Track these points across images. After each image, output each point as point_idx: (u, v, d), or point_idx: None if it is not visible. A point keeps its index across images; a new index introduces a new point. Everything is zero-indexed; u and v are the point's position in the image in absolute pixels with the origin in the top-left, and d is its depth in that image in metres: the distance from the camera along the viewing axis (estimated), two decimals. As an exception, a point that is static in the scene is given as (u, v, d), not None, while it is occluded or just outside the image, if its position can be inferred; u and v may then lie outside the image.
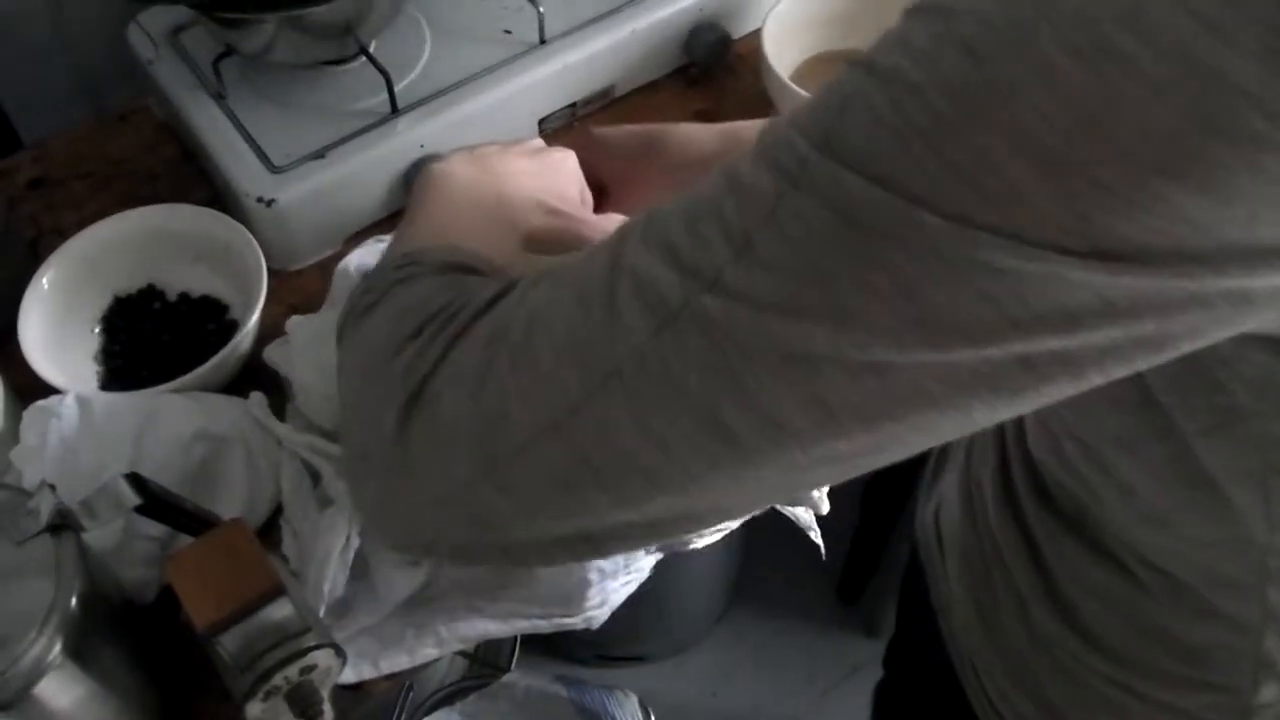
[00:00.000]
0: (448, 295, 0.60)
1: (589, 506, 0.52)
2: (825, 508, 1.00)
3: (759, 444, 0.47)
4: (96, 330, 1.02)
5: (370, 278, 0.68)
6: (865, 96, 0.42)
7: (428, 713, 1.46)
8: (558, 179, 0.83)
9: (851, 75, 0.44)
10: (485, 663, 1.51)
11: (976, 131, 0.40)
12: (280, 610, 0.72)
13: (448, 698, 1.48)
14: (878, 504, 1.71)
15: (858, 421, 0.46)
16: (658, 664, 1.78)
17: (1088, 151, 0.38)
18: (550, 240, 0.81)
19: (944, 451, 0.94)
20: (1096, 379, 0.44)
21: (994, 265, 0.41)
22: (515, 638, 0.91)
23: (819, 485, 0.49)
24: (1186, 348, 0.44)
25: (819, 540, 1.02)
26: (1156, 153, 0.38)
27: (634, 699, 1.48)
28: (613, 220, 0.88)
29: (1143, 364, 0.44)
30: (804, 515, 1.01)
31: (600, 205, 0.92)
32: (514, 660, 1.48)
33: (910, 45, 0.42)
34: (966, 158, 0.40)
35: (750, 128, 0.90)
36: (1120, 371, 0.44)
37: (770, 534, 0.96)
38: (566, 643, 1.77)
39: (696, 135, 0.90)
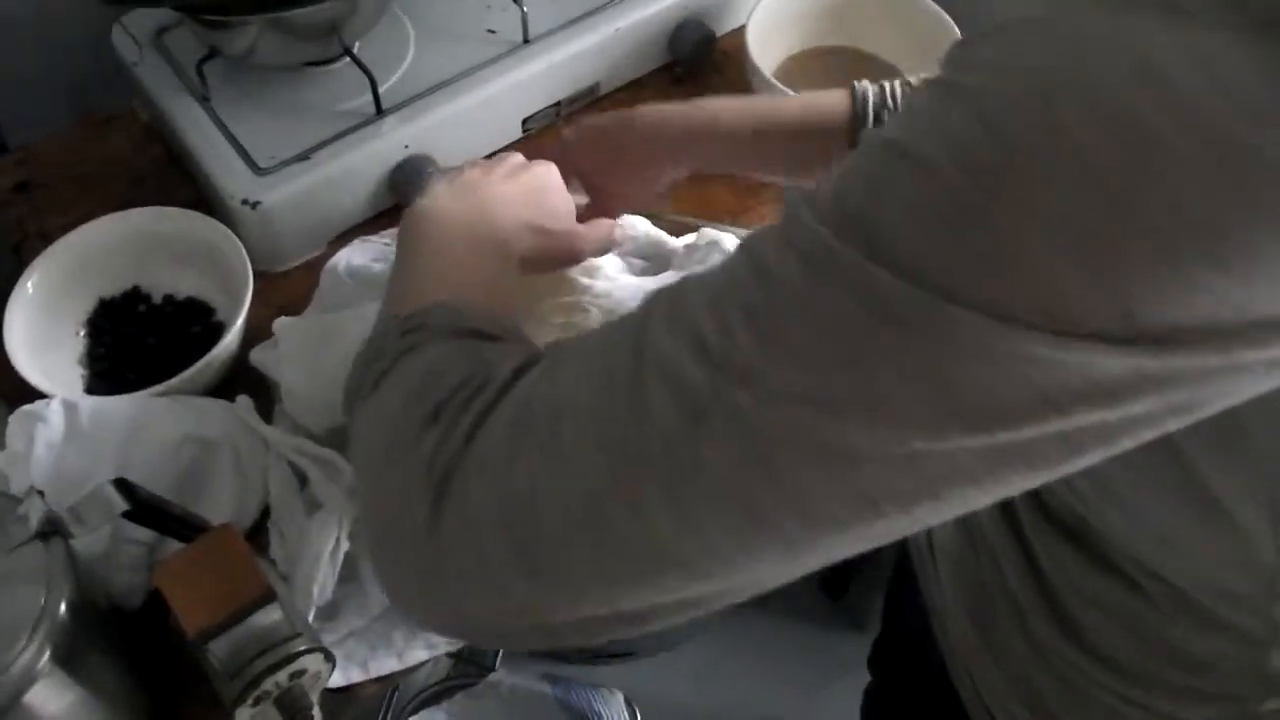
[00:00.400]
0: (463, 370, 0.58)
1: (625, 593, 0.51)
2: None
3: (797, 532, 0.46)
4: (81, 333, 1.02)
5: (375, 344, 0.66)
6: (892, 183, 0.42)
7: (413, 713, 1.46)
8: (542, 197, 0.83)
9: (877, 156, 0.43)
10: (470, 662, 1.51)
11: (1007, 218, 0.39)
12: (270, 615, 0.72)
13: (433, 697, 1.48)
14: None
15: (897, 506, 0.45)
16: (644, 660, 1.78)
17: (1122, 235, 0.38)
18: (545, 260, 0.82)
19: None
20: (1128, 444, 0.44)
21: (1032, 355, 0.40)
22: None
23: (853, 553, 0.48)
24: (1218, 408, 0.44)
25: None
26: (1194, 235, 0.38)
27: (619, 696, 1.48)
28: (602, 226, 0.88)
29: (1174, 426, 0.44)
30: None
31: (597, 200, 0.93)
32: (499, 659, 1.48)
33: (936, 126, 0.41)
34: (998, 245, 0.40)
35: (716, 105, 0.92)
36: (1151, 435, 0.44)
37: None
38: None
39: (666, 116, 0.91)
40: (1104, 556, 0.67)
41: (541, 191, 0.83)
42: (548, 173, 0.85)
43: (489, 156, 0.94)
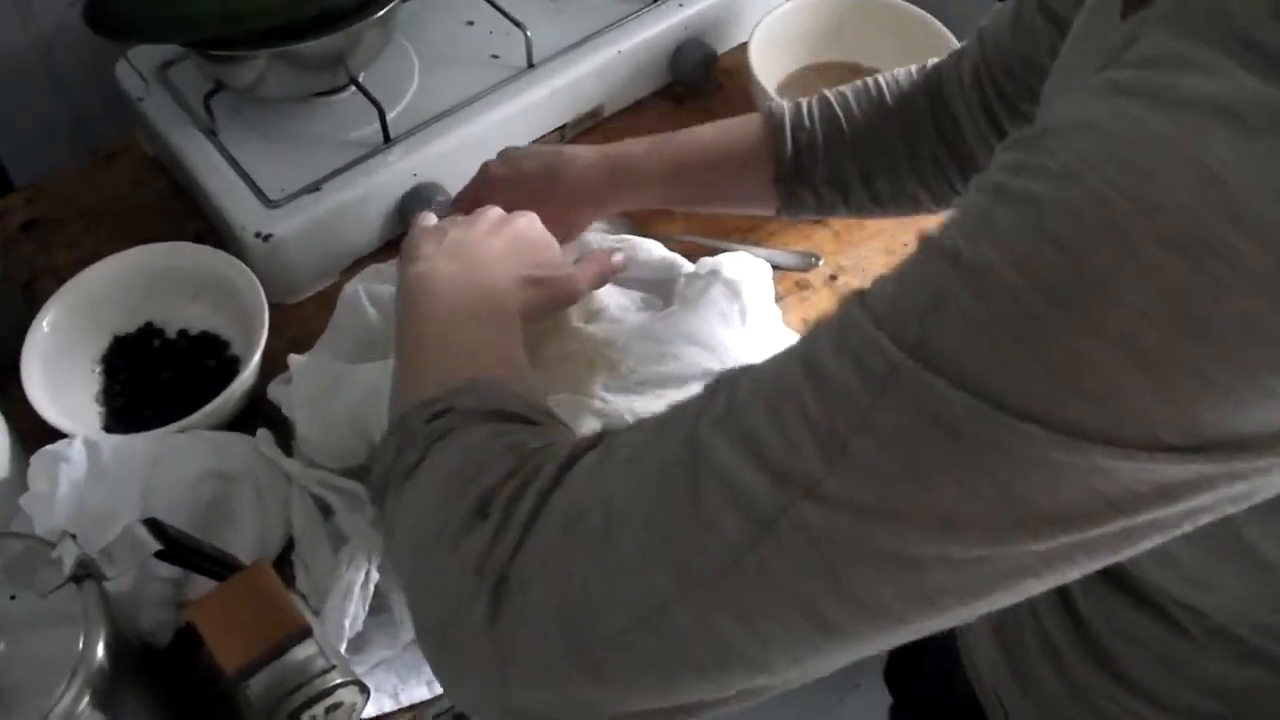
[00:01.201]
0: (505, 462, 0.58)
1: (687, 689, 0.51)
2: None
3: (860, 630, 0.47)
4: (97, 371, 1.02)
5: (401, 431, 0.65)
6: (954, 296, 0.42)
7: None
8: (530, 248, 0.84)
9: (936, 266, 0.43)
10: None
11: (1074, 333, 0.39)
12: (305, 650, 0.73)
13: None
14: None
15: (959, 602, 0.46)
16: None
17: (1191, 349, 0.38)
18: (544, 309, 0.84)
19: None
20: (1186, 529, 0.45)
21: (1098, 466, 0.41)
22: None
23: (910, 640, 0.49)
24: (1274, 493, 0.44)
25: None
26: (1265, 347, 0.38)
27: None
28: (594, 263, 0.90)
29: (1232, 510, 0.45)
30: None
31: None
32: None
33: (997, 236, 0.41)
34: (1065, 361, 0.40)
35: (637, 147, 0.93)
36: (1209, 520, 0.45)
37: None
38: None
39: (590, 164, 0.93)
40: (1138, 591, 0.67)
41: (528, 243, 0.84)
42: (530, 223, 0.86)
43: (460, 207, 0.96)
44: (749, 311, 0.95)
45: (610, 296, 0.97)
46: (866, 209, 0.93)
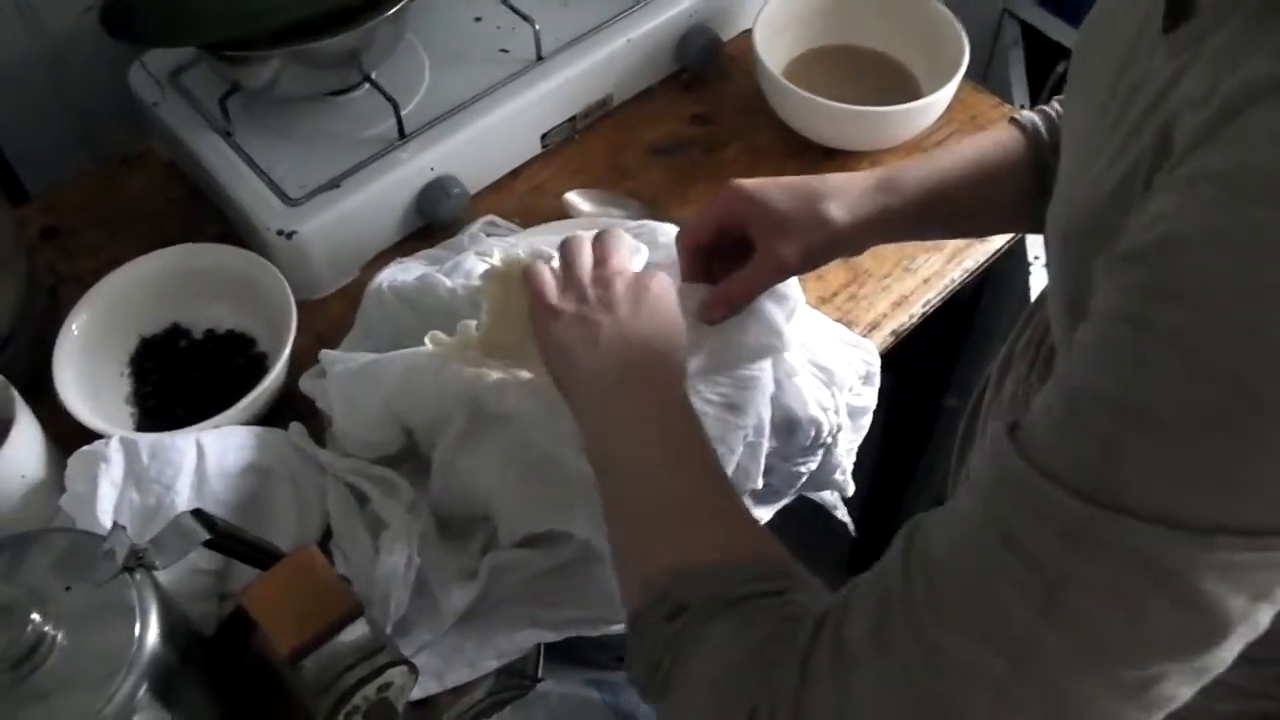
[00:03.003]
0: (758, 675, 0.57)
1: None
2: (851, 489, 1.02)
3: None
4: (126, 373, 1.03)
5: (640, 630, 0.64)
6: (1125, 443, 0.45)
7: (463, 728, 1.47)
8: (675, 317, 0.82)
9: (1096, 413, 0.47)
10: (513, 674, 1.52)
11: (1244, 451, 0.43)
12: (356, 631, 0.74)
13: (484, 712, 1.49)
14: (884, 486, 1.73)
15: (1176, 701, 0.51)
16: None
17: None
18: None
19: (967, 435, 0.96)
20: None
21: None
22: (539, 646, 0.93)
23: None
24: None
25: (846, 518, 1.05)
26: None
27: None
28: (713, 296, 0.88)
29: None
30: (829, 497, 1.03)
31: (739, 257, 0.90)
32: (540, 669, 1.49)
33: (1153, 378, 0.45)
34: (1241, 476, 0.44)
35: (890, 169, 0.89)
36: None
37: (784, 518, 0.98)
38: (588, 648, 1.78)
39: (857, 193, 0.87)
40: None
41: (672, 311, 0.81)
42: (667, 289, 0.82)
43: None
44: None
45: None
46: None
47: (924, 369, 1.38)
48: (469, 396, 0.87)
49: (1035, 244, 1.22)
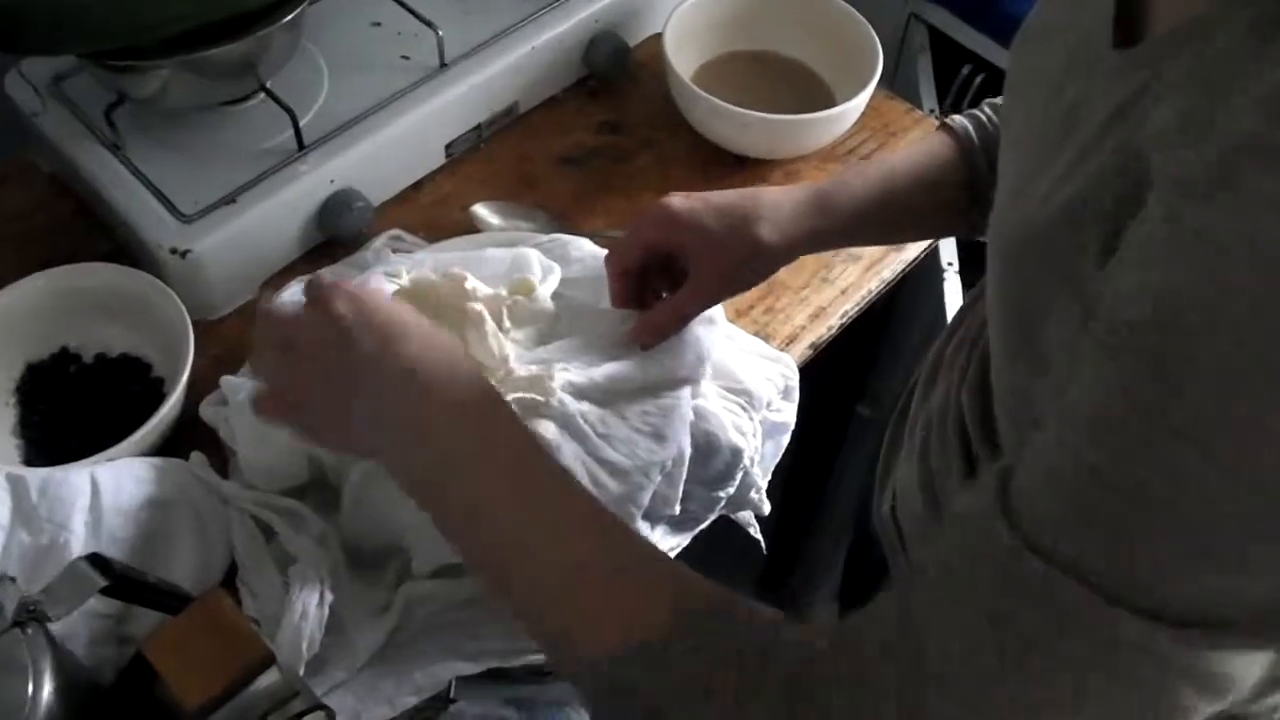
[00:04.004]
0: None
1: None
2: (766, 508, 1.01)
3: None
4: (11, 402, 0.97)
5: (602, 683, 0.60)
6: (1135, 527, 0.45)
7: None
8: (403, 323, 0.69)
9: (1088, 488, 0.46)
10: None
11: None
12: (267, 679, 0.70)
13: (394, 733, 1.46)
14: (796, 496, 1.73)
15: None
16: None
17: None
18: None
19: (893, 443, 0.96)
20: None
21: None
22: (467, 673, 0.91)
23: None
24: None
25: (759, 535, 1.04)
26: None
27: (584, 714, 1.47)
28: None
29: None
30: (744, 515, 1.02)
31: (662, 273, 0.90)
32: (453, 689, 1.46)
33: (1161, 463, 0.44)
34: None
35: (829, 181, 0.88)
36: None
37: (701, 537, 0.97)
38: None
39: (793, 205, 0.86)
40: None
41: (409, 315, 0.69)
42: (389, 307, 0.69)
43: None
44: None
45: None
46: None
47: (837, 378, 1.37)
48: None
49: (948, 251, 1.22)
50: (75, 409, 0.97)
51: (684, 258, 0.86)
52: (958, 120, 0.88)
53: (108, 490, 0.86)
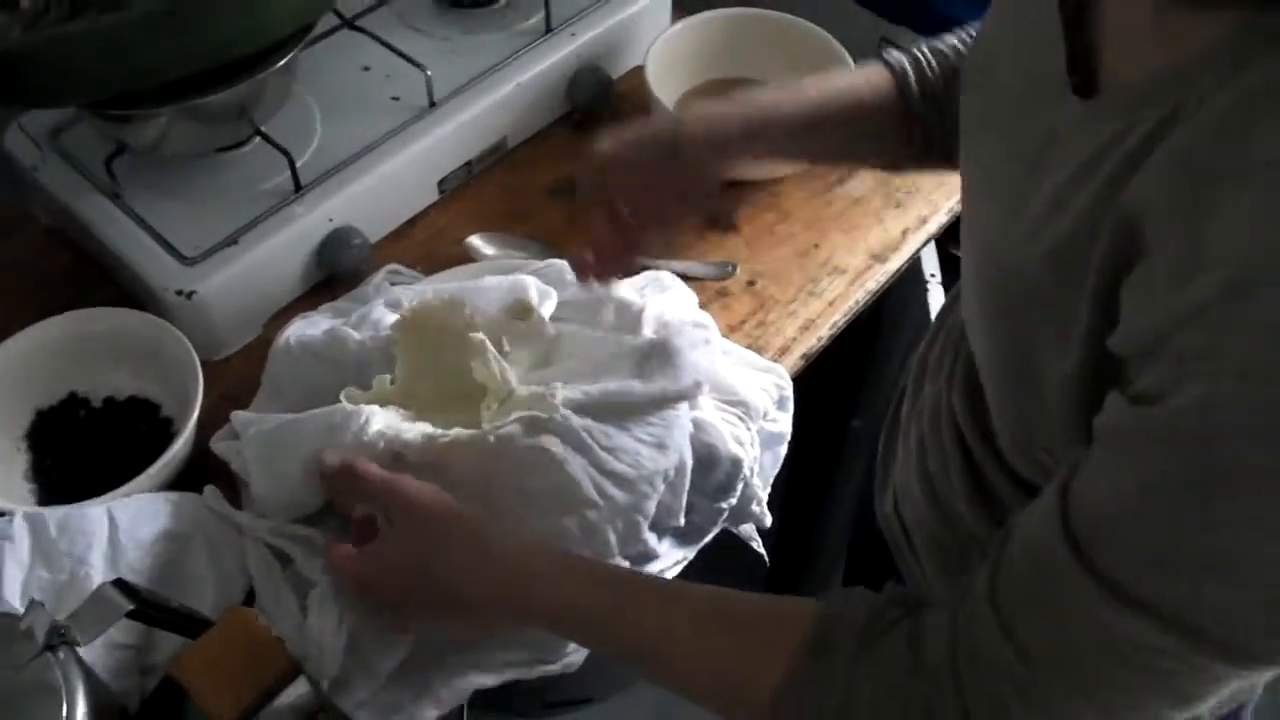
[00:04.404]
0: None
1: None
2: (768, 520, 1.03)
3: None
4: (23, 448, 0.99)
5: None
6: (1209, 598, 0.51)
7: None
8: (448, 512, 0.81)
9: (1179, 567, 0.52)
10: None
11: None
12: (296, 690, 0.72)
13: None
14: (795, 509, 1.75)
15: None
16: (602, 704, 1.78)
17: None
18: None
19: (888, 447, 0.98)
20: None
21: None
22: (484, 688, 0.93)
23: None
24: None
25: (761, 549, 1.05)
26: None
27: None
28: None
29: None
30: (746, 529, 1.04)
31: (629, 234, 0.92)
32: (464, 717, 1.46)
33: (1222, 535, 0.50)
34: None
35: (768, 94, 0.91)
36: None
37: (706, 554, 0.99)
38: (512, 697, 1.75)
39: (718, 124, 0.88)
40: None
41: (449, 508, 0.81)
42: (434, 499, 0.81)
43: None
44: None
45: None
46: None
47: (828, 393, 1.39)
48: (393, 452, 0.85)
49: (930, 263, 1.25)
50: (86, 452, 0.98)
51: (626, 201, 0.90)
52: (895, 57, 0.90)
53: (124, 524, 0.87)
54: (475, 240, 1.12)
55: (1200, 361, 0.48)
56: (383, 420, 0.86)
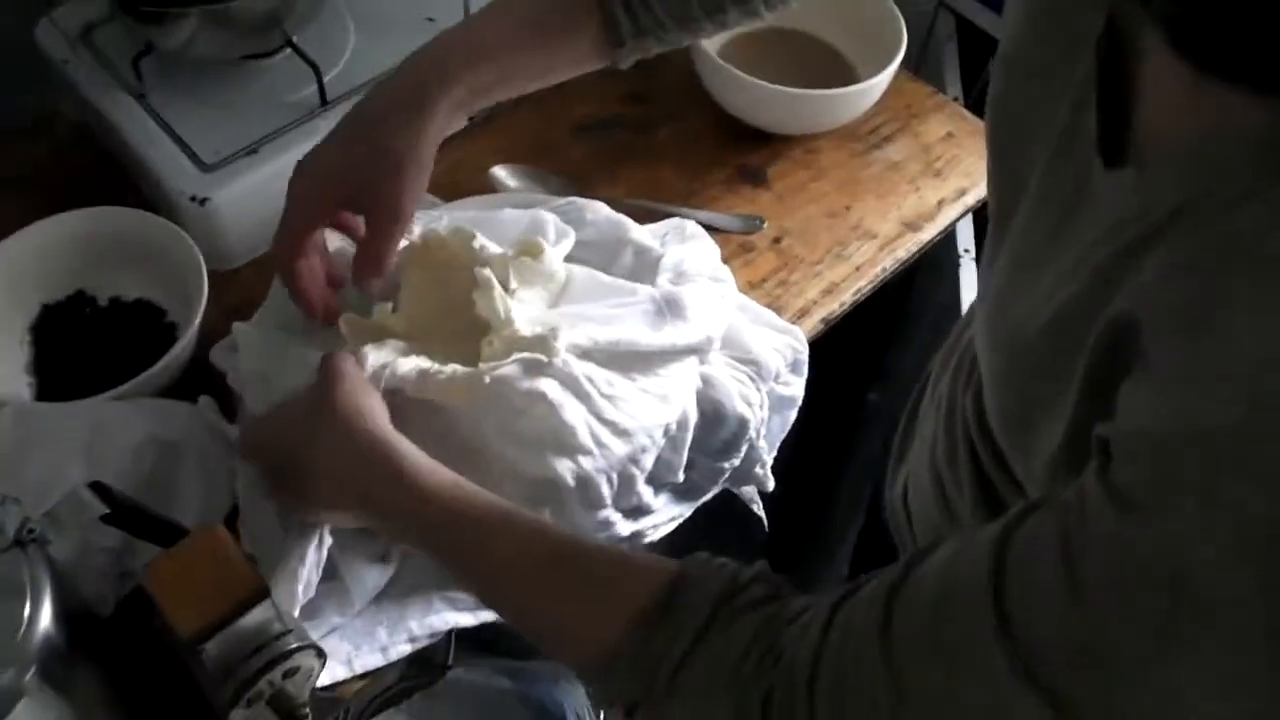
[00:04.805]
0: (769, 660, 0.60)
1: None
2: (771, 484, 1.01)
3: None
4: (26, 341, 0.98)
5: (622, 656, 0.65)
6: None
7: (372, 715, 1.44)
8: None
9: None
10: (424, 662, 1.49)
11: None
12: (262, 613, 0.70)
13: (391, 699, 1.46)
14: (805, 477, 1.73)
15: None
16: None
17: None
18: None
19: (906, 432, 0.95)
20: None
21: None
22: (451, 635, 0.91)
23: None
24: None
25: (761, 513, 1.03)
26: None
27: (580, 688, 1.48)
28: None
29: None
30: (747, 490, 1.02)
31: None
32: (451, 657, 1.46)
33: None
34: None
35: (473, 26, 0.88)
36: None
37: (695, 511, 0.97)
38: (501, 637, 1.75)
39: (442, 45, 0.86)
40: None
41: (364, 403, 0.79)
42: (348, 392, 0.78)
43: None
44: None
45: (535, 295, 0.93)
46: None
47: (850, 361, 1.37)
48: (389, 388, 0.84)
49: (965, 237, 1.21)
50: (88, 351, 0.98)
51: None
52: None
53: (114, 427, 0.86)
54: (499, 172, 1.10)
55: (1195, 496, 0.44)
56: (378, 356, 0.84)
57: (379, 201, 0.85)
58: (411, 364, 0.83)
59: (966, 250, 1.21)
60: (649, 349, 0.88)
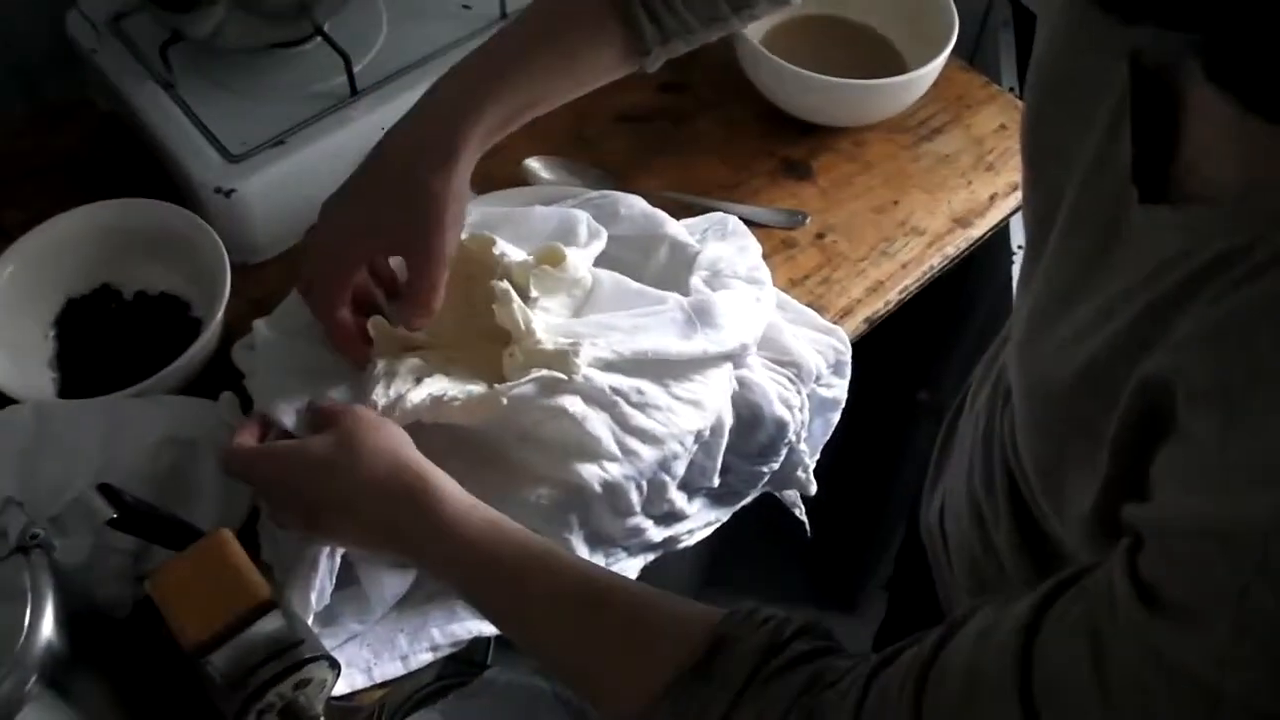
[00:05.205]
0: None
1: None
2: (813, 488, 0.97)
3: None
4: (51, 335, 0.97)
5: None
6: None
7: (407, 714, 1.42)
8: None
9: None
10: (461, 660, 1.47)
11: None
12: (271, 623, 0.68)
13: (427, 698, 1.44)
14: (849, 481, 1.68)
15: None
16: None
17: None
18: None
19: (945, 447, 0.91)
20: None
21: None
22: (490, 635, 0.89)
23: None
24: None
25: (803, 516, 1.00)
26: None
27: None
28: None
29: None
30: (789, 495, 0.98)
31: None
32: (489, 656, 1.44)
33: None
34: None
35: (494, 54, 0.86)
36: None
37: (736, 514, 0.94)
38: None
39: (462, 105, 0.84)
40: None
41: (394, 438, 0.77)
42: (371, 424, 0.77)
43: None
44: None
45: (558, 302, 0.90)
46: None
47: (898, 361, 1.32)
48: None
49: (1018, 233, 1.16)
50: (112, 345, 0.96)
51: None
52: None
53: (132, 425, 0.85)
54: (533, 163, 1.07)
55: (1228, 609, 0.41)
56: (387, 392, 0.81)
57: (422, 250, 0.83)
58: (424, 392, 0.80)
59: (1020, 247, 1.16)
60: (680, 357, 0.84)
